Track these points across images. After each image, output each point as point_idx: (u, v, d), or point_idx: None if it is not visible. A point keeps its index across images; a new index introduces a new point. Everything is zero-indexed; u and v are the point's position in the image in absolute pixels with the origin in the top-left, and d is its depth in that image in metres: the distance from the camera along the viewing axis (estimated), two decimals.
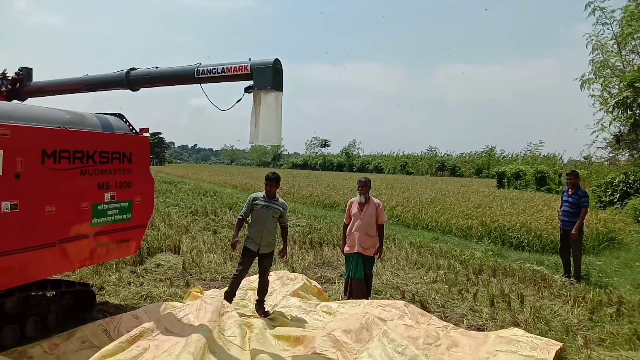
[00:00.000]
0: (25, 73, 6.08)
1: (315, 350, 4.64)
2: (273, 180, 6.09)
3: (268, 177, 6.12)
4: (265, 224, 5.98)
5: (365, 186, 6.77)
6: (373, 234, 6.67)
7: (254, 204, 6.04)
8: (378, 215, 6.69)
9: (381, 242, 6.79)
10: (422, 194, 22.93)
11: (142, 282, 7.45)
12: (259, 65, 4.68)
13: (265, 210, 5.99)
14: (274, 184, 6.07)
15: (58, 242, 4.76)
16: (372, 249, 6.69)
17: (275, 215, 6.03)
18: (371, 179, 7.29)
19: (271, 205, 6.02)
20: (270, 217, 5.99)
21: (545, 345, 4.91)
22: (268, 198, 6.06)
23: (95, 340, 4.81)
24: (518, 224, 12.99)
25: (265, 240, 5.99)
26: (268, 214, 5.98)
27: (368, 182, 6.87)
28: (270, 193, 6.08)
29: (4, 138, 4.15)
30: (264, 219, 5.98)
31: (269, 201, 6.04)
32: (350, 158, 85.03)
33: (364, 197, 6.73)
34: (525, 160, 53.22)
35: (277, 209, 6.04)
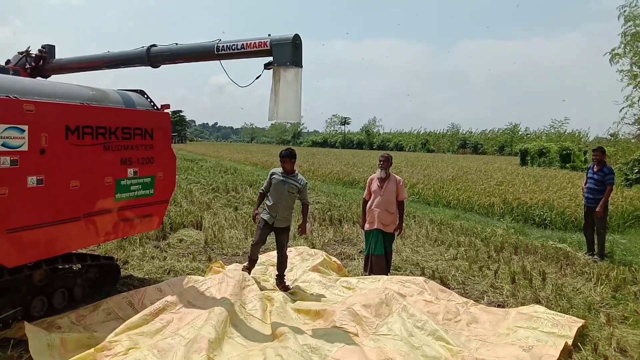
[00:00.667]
0: (48, 50, 6.14)
1: (335, 324, 4.69)
2: (285, 156, 6.07)
3: (281, 154, 6.13)
4: (281, 199, 6.00)
5: (386, 161, 6.73)
6: (393, 211, 6.64)
7: (272, 177, 6.09)
8: (398, 191, 6.65)
9: (401, 219, 6.77)
10: (444, 172, 22.74)
11: (165, 257, 7.59)
12: (279, 41, 4.66)
13: (282, 185, 6.01)
14: (286, 159, 6.05)
15: (83, 217, 4.86)
16: (392, 225, 6.67)
17: (291, 191, 6.03)
18: (392, 156, 7.24)
19: (287, 180, 6.03)
20: (286, 192, 6.00)
21: (567, 322, 4.88)
22: (285, 173, 6.07)
23: (120, 312, 4.94)
24: (541, 202, 12.82)
25: (280, 214, 6.02)
26: (284, 189, 6.00)
27: (389, 158, 6.82)
28: (286, 169, 6.08)
29: (28, 114, 4.21)
30: (279, 194, 6.00)
31: (286, 176, 6.05)
32: (371, 136, 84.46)
33: (384, 172, 6.69)
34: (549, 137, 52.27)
35: (294, 185, 6.03)
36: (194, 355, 3.83)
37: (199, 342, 3.98)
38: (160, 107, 6.04)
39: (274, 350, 4.07)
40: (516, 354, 4.30)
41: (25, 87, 4.59)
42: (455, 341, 4.54)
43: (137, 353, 3.89)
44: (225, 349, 4.13)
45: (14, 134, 4.09)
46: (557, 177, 20.29)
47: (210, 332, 4.15)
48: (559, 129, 57.59)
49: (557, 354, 4.26)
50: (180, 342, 4.06)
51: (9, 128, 4.05)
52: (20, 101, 4.19)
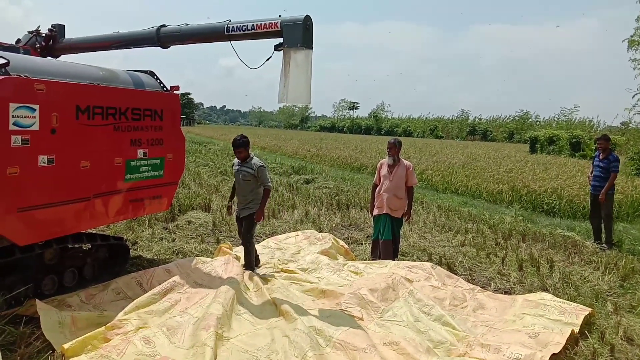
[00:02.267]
0: (58, 30, 6.14)
1: (341, 307, 4.72)
2: (234, 147, 5.86)
3: (233, 142, 5.85)
4: (239, 189, 5.93)
5: (394, 148, 6.65)
6: (402, 196, 6.61)
7: (234, 168, 6.02)
8: (408, 177, 6.61)
9: (410, 205, 6.73)
10: (452, 158, 22.63)
11: (174, 238, 7.64)
12: (289, 22, 4.62)
13: (237, 174, 5.89)
14: (235, 150, 5.84)
15: (93, 197, 4.89)
16: (401, 210, 6.65)
17: (246, 179, 5.80)
18: (402, 142, 7.17)
19: (241, 168, 5.84)
20: (242, 180, 5.84)
21: (574, 310, 4.87)
22: (240, 162, 5.90)
23: (129, 292, 5.00)
24: (550, 190, 12.75)
25: (241, 204, 5.95)
26: (239, 177, 5.86)
27: (397, 143, 6.72)
28: (240, 157, 5.87)
29: (39, 93, 4.22)
30: (238, 184, 5.93)
31: (240, 164, 5.88)
32: (379, 121, 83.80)
33: (392, 159, 6.66)
34: (559, 125, 51.75)
35: (247, 172, 5.78)
36: (202, 332, 3.89)
37: (207, 320, 4.04)
38: (170, 88, 6.04)
39: (281, 331, 4.13)
40: (522, 340, 4.31)
41: (36, 66, 4.60)
42: (461, 327, 4.56)
43: (147, 331, 3.95)
44: (234, 326, 4.19)
45: (25, 113, 4.11)
46: (566, 165, 20.14)
47: (219, 309, 4.22)
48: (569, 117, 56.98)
49: (563, 341, 4.27)
50: (189, 321, 4.11)
51: (21, 107, 4.07)
52: (31, 80, 4.20)
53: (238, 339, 4.01)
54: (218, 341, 3.85)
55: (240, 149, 5.79)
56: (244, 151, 5.82)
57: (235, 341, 3.97)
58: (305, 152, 25.85)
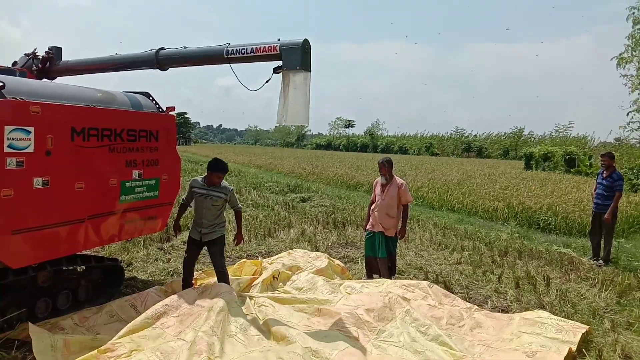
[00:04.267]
0: (55, 52, 6.19)
1: (337, 327, 4.69)
2: (217, 170, 5.46)
3: (214, 167, 5.47)
4: (205, 213, 5.48)
5: (383, 167, 6.69)
6: (394, 215, 6.62)
7: (193, 190, 5.56)
8: (401, 195, 6.62)
9: (404, 223, 6.73)
10: (448, 175, 22.69)
11: (169, 259, 7.60)
12: (288, 45, 4.69)
13: (204, 198, 5.47)
14: (217, 174, 5.47)
15: (87, 218, 4.88)
16: (393, 229, 6.65)
17: (215, 204, 5.48)
18: (396, 159, 7.22)
19: (210, 193, 5.46)
20: (209, 205, 5.46)
21: (571, 328, 4.86)
22: (207, 185, 5.51)
23: (123, 315, 4.96)
24: (545, 206, 12.78)
25: (205, 227, 5.52)
26: (206, 202, 5.46)
27: (386, 162, 6.73)
28: (213, 182, 5.48)
29: (35, 115, 4.23)
30: (202, 208, 5.50)
31: (208, 189, 5.48)
32: (375, 138, 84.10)
33: (384, 179, 6.70)
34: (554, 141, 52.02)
35: (218, 197, 5.47)
36: (194, 357, 3.85)
37: (198, 344, 4.00)
38: (166, 109, 6.07)
39: (276, 353, 4.08)
40: (519, 359, 4.28)
41: (32, 88, 4.62)
42: (458, 346, 4.53)
43: (140, 355, 3.91)
44: (226, 349, 4.13)
45: (20, 135, 4.12)
46: (561, 181, 20.21)
47: (209, 334, 4.17)
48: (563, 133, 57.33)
49: (561, 359, 4.25)
50: (183, 346, 4.07)
51: (16, 129, 4.08)
52: (26, 103, 4.22)
53: None
54: None
55: (220, 176, 5.50)
56: (220, 178, 5.52)
57: None
58: (302, 171, 25.88)
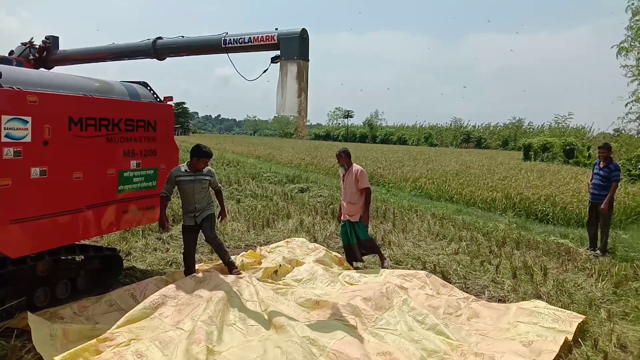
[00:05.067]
0: (52, 41, 6.15)
1: (335, 316, 4.71)
2: (203, 156, 5.70)
3: (200, 153, 5.69)
4: (195, 197, 5.72)
5: (341, 158, 6.99)
6: (355, 201, 6.84)
7: (178, 180, 5.67)
8: (358, 180, 6.79)
9: (365, 207, 6.81)
10: (446, 166, 22.70)
11: (168, 249, 7.62)
12: (286, 35, 4.68)
13: (192, 184, 5.67)
14: (204, 160, 5.71)
15: (86, 208, 4.88)
16: (357, 215, 6.84)
17: (203, 187, 5.78)
18: (395, 150, 7.29)
19: (197, 178, 5.71)
20: (199, 189, 5.73)
21: (567, 318, 4.89)
22: (192, 171, 5.70)
23: (122, 304, 4.97)
24: (543, 197, 12.81)
25: (198, 211, 5.77)
26: (196, 187, 5.70)
27: (343, 153, 7.02)
28: (199, 167, 5.72)
29: (32, 105, 4.22)
30: (192, 193, 5.70)
31: (194, 174, 5.70)
32: (373, 129, 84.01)
33: (343, 169, 6.98)
34: (552, 132, 51.99)
35: (205, 179, 5.78)
36: (193, 346, 3.87)
37: (197, 333, 4.02)
38: (163, 99, 6.05)
39: (274, 342, 4.10)
40: (516, 349, 4.32)
41: (29, 78, 4.60)
42: (455, 335, 4.56)
43: (139, 344, 3.92)
44: (225, 338, 4.16)
45: (18, 125, 4.11)
46: (560, 172, 20.23)
47: (208, 323, 4.19)
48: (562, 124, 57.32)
49: (557, 349, 4.28)
50: (181, 335, 4.09)
51: (13, 119, 4.07)
52: (23, 92, 4.21)
53: (230, 351, 3.99)
54: (209, 355, 3.83)
55: (207, 161, 5.74)
56: (206, 164, 5.78)
57: (227, 354, 3.94)
58: (300, 161, 25.87)
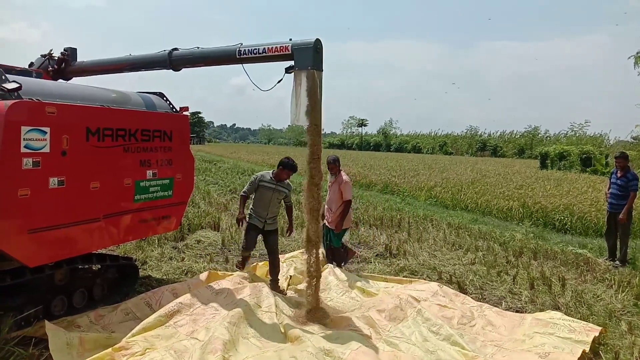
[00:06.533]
0: (70, 53, 6.25)
1: (349, 327, 4.69)
2: (288, 168, 6.10)
3: (287, 165, 6.10)
4: (270, 205, 6.15)
5: (334, 167, 7.07)
6: (336, 210, 6.91)
7: (261, 184, 6.14)
8: (342, 191, 6.85)
9: (341, 217, 6.85)
10: (462, 175, 22.54)
11: (183, 258, 7.66)
12: (300, 45, 4.70)
13: (272, 192, 6.11)
14: (287, 172, 6.12)
15: (103, 217, 4.93)
16: (334, 223, 6.90)
17: (280, 198, 6.20)
18: (409, 159, 7.28)
19: (277, 187, 6.13)
20: (275, 199, 6.16)
21: (583, 329, 4.81)
22: (275, 181, 6.14)
23: (138, 313, 5.00)
24: (561, 206, 12.65)
25: (270, 218, 6.19)
26: (274, 195, 6.13)
27: (333, 161, 7.11)
28: (282, 178, 6.15)
29: (50, 116, 4.28)
30: (269, 200, 6.13)
31: (276, 184, 6.13)
32: (388, 137, 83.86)
33: (332, 177, 7.05)
34: (569, 140, 51.42)
35: (283, 191, 6.19)
36: (209, 356, 3.87)
37: (213, 343, 4.02)
38: (179, 109, 6.11)
39: (289, 352, 4.09)
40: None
41: (48, 89, 4.68)
42: (470, 346, 4.51)
43: (154, 353, 3.94)
44: (240, 349, 4.16)
45: (37, 135, 4.17)
46: (577, 181, 19.97)
47: (224, 334, 4.19)
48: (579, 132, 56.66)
49: None
50: (196, 345, 4.09)
51: (32, 130, 4.13)
52: (42, 104, 4.27)
53: None
54: None
55: (290, 173, 6.16)
56: (289, 175, 6.19)
57: None
58: None
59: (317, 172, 4.88)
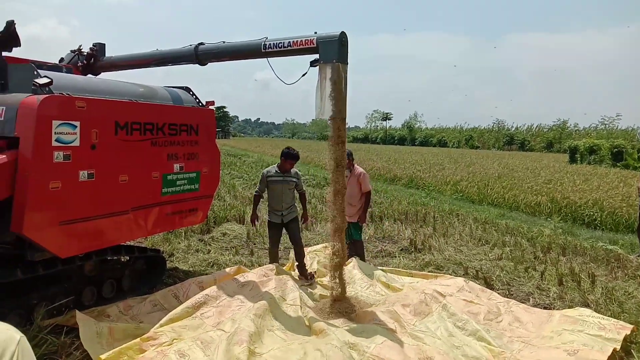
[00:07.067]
0: (99, 48, 6.35)
1: (374, 321, 4.68)
2: (290, 157, 6.28)
3: (289, 155, 6.28)
4: (283, 197, 6.28)
5: (349, 162, 6.92)
6: (355, 203, 6.95)
7: (269, 180, 6.31)
8: (360, 183, 6.91)
9: (364, 209, 6.98)
10: (488, 169, 22.26)
11: (209, 250, 7.75)
12: (325, 38, 4.68)
13: (280, 184, 6.27)
14: (290, 161, 6.28)
15: (131, 210, 5.01)
16: (355, 216, 6.96)
17: (291, 188, 6.34)
18: (435, 153, 7.23)
19: (285, 178, 6.29)
20: (286, 189, 6.30)
21: (614, 327, 4.68)
22: (281, 172, 6.29)
23: (165, 304, 5.08)
24: (591, 201, 12.39)
25: (286, 211, 6.31)
26: (284, 187, 6.28)
27: (348, 156, 6.90)
28: (286, 168, 6.30)
29: (80, 110, 4.37)
30: (280, 192, 6.28)
31: (283, 175, 6.29)
32: (413, 131, 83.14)
33: (347, 171, 6.91)
34: (599, 134, 50.23)
35: (292, 181, 6.34)
36: (235, 347, 3.91)
37: (239, 335, 4.06)
38: (205, 103, 6.16)
39: (314, 345, 4.10)
40: (560, 357, 4.17)
41: (78, 84, 4.77)
42: (496, 342, 4.46)
43: (182, 344, 4.00)
44: (265, 341, 4.19)
45: (67, 129, 4.26)
46: (608, 175, 19.51)
47: (250, 326, 4.22)
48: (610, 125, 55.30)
49: (604, 359, 4.11)
50: (222, 336, 4.14)
51: (63, 124, 4.22)
52: (73, 98, 4.36)
53: (270, 353, 4.01)
54: (251, 356, 3.86)
55: (293, 162, 6.33)
56: (292, 165, 6.34)
57: (267, 356, 3.97)
58: None
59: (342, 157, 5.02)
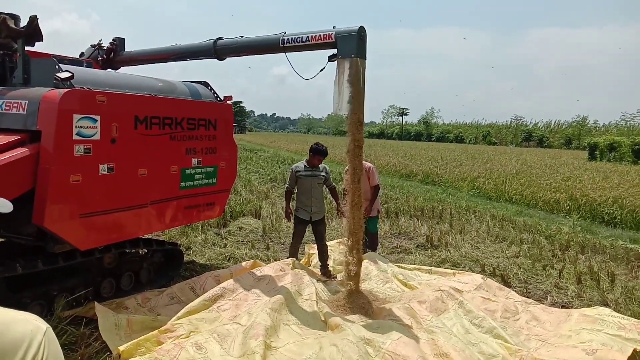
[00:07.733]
0: (119, 43, 6.40)
1: (390, 317, 4.68)
2: (319, 153, 6.29)
3: (317, 150, 6.28)
4: (312, 192, 6.28)
5: None
6: (367, 198, 6.91)
7: (298, 175, 6.35)
8: (369, 177, 6.95)
9: (370, 203, 6.99)
10: (506, 165, 22.04)
11: (226, 244, 7.80)
12: (344, 33, 4.65)
13: (310, 179, 6.28)
14: (318, 157, 6.29)
15: (150, 203, 5.06)
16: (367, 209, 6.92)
17: (320, 182, 6.33)
18: (451, 149, 7.23)
19: (314, 173, 6.30)
20: (315, 184, 6.29)
21: (634, 327, 4.60)
22: (310, 167, 6.32)
23: (182, 297, 5.13)
24: (610, 199, 12.20)
25: (315, 207, 6.30)
26: (313, 182, 6.28)
27: None
28: (314, 164, 6.32)
29: (101, 104, 4.41)
30: (310, 188, 6.28)
31: (312, 170, 6.31)
32: (429, 127, 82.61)
33: None
34: (620, 130, 49.37)
35: (321, 176, 6.33)
36: (251, 340, 3.93)
37: (255, 329, 4.08)
38: (223, 98, 6.18)
39: (329, 340, 4.11)
40: (578, 356, 4.12)
41: (98, 78, 4.82)
42: (514, 339, 4.42)
43: (198, 336, 4.03)
44: (281, 335, 4.20)
45: (88, 123, 4.31)
46: (628, 173, 19.21)
47: (266, 320, 4.24)
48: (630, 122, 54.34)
49: (624, 359, 4.06)
50: (238, 330, 4.16)
51: (83, 118, 4.27)
52: (93, 92, 4.40)
53: (286, 347, 4.03)
54: (267, 350, 3.88)
55: (321, 158, 6.33)
56: (320, 160, 6.35)
57: (283, 350, 3.99)
58: None
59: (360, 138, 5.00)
